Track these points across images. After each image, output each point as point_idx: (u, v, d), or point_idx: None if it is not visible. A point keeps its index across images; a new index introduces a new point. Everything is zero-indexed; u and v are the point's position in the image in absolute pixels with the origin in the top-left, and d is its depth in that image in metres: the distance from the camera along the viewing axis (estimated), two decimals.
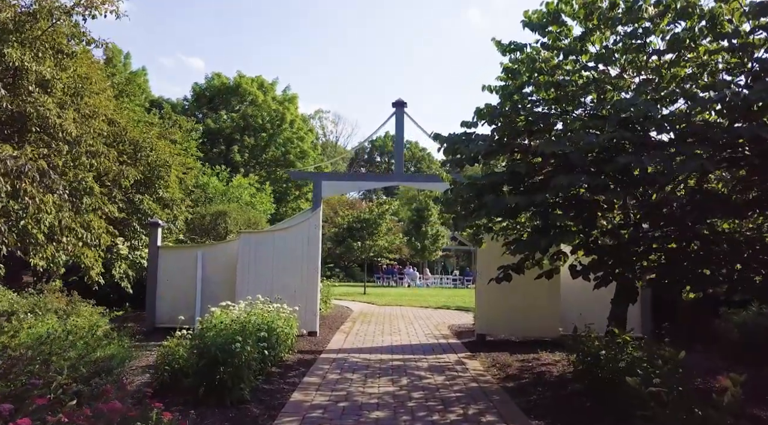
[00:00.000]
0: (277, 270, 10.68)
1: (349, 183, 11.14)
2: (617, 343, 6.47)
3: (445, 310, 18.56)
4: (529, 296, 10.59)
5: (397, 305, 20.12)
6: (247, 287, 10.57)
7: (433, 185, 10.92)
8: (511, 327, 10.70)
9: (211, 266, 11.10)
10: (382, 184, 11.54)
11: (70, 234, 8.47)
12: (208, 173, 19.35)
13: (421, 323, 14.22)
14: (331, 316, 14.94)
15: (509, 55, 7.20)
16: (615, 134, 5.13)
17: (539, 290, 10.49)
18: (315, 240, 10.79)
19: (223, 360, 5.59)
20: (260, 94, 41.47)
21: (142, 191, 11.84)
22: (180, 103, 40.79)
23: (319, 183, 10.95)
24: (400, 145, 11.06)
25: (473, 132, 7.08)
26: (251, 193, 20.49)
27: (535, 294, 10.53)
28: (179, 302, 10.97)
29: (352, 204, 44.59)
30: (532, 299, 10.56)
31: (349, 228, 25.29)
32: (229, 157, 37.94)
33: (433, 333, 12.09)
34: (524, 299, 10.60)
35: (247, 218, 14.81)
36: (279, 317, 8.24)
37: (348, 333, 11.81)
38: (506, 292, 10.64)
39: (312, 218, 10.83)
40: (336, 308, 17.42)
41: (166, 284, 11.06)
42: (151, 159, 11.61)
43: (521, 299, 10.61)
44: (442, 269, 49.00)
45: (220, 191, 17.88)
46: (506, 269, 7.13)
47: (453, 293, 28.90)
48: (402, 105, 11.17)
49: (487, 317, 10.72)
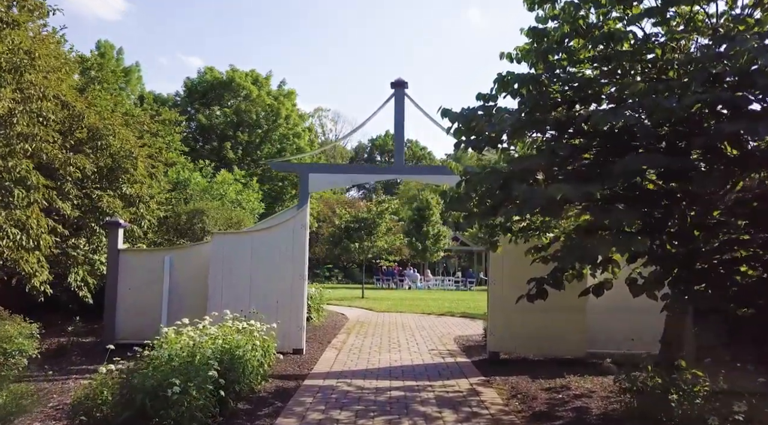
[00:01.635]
0: (256, 278, 9.14)
1: (342, 177, 9.59)
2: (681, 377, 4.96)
3: (449, 317, 17.03)
4: (550, 307, 9.02)
5: (396, 311, 18.58)
6: (220, 298, 9.04)
7: (438, 177, 9.37)
8: (528, 343, 9.15)
9: (181, 272, 9.56)
10: (379, 177, 10.01)
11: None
12: (189, 168, 17.80)
13: (423, 334, 12.68)
14: (323, 327, 13.40)
15: (539, 11, 5.65)
16: (705, 96, 3.61)
17: (562, 301, 8.94)
18: (301, 242, 9.25)
19: (154, 411, 4.05)
20: (254, 89, 39.92)
21: (105, 186, 10.29)
22: (171, 98, 39.22)
23: (305, 176, 9.40)
24: (400, 131, 9.51)
25: (492, 106, 5.55)
26: (237, 189, 18.89)
27: (558, 305, 8.97)
28: (144, 315, 9.44)
29: (351, 204, 43.10)
30: (553, 310, 9.01)
31: (346, 228, 23.73)
32: (222, 154, 36.40)
33: (438, 349, 10.55)
34: (544, 311, 9.04)
35: (227, 217, 13.23)
36: (252, 337, 6.71)
37: (340, 348, 10.27)
38: (523, 303, 9.12)
39: (297, 216, 9.28)
40: (330, 315, 15.88)
41: (128, 294, 9.52)
42: (114, 149, 10.05)
43: (541, 312, 9.05)
44: (444, 271, 47.48)
45: (202, 188, 16.34)
46: (540, 284, 5.55)
47: (456, 297, 27.36)
48: (402, 85, 9.63)
49: (501, 333, 9.18)
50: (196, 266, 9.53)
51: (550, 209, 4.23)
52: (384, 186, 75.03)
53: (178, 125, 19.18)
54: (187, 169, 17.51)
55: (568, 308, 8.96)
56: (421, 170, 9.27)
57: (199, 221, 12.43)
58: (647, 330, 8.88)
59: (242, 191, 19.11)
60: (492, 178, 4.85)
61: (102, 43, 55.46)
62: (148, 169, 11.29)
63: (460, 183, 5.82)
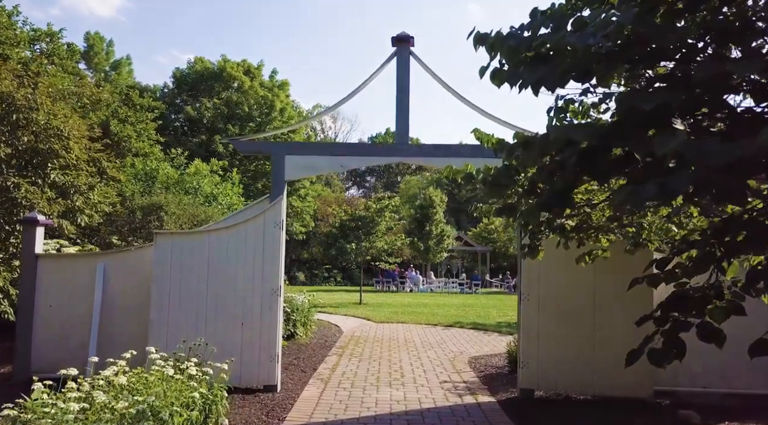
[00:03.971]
0: (214, 293, 6.95)
1: (327, 159, 7.33)
2: None
3: (458, 329, 14.83)
4: (602, 327, 6.87)
5: (398, 321, 16.37)
6: (165, 321, 6.83)
7: (454, 161, 7.15)
8: (573, 378, 6.95)
9: (118, 284, 7.36)
10: (377, 160, 7.81)
11: None
12: (158, 157, 15.58)
13: (431, 355, 10.48)
14: (310, 345, 11.20)
15: None
16: None
17: (618, 317, 6.79)
18: (274, 245, 7.05)
19: None
20: (247, 80, 37.72)
21: (28, 174, 8.08)
22: (157, 89, 37.00)
23: (280, 159, 7.19)
24: (404, 101, 7.30)
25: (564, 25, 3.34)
26: (215, 182, 16.60)
27: (612, 324, 6.82)
28: (69, 339, 7.26)
29: (350, 202, 41.00)
30: (606, 332, 6.84)
31: (342, 227, 21.51)
32: (212, 148, 34.18)
33: (451, 378, 8.35)
34: (594, 333, 6.88)
35: (193, 213, 10.97)
36: (186, 387, 4.52)
37: (327, 379, 8.07)
38: (566, 322, 6.95)
39: (269, 211, 7.07)
40: (320, 328, 13.68)
41: (49, 312, 7.32)
42: (39, 126, 7.84)
43: (589, 334, 6.89)
44: (447, 272, 45.32)
45: (173, 180, 14.14)
46: (686, 311, 3.04)
47: (462, 301, 25.16)
48: (406, 41, 7.42)
49: (537, 364, 6.98)
50: (140, 276, 7.32)
51: (726, 185, 2.07)
52: (384, 185, 72.93)
53: (151, 111, 16.96)
54: (156, 158, 15.33)
55: (627, 328, 6.77)
56: (433, 150, 7.03)
57: (155, 218, 10.22)
58: (735, 360, 6.71)
59: (219, 185, 16.83)
60: (587, 132, 2.64)
61: (91, 35, 53.48)
62: (89, 153, 9.08)
63: (513, 149, 3.60)
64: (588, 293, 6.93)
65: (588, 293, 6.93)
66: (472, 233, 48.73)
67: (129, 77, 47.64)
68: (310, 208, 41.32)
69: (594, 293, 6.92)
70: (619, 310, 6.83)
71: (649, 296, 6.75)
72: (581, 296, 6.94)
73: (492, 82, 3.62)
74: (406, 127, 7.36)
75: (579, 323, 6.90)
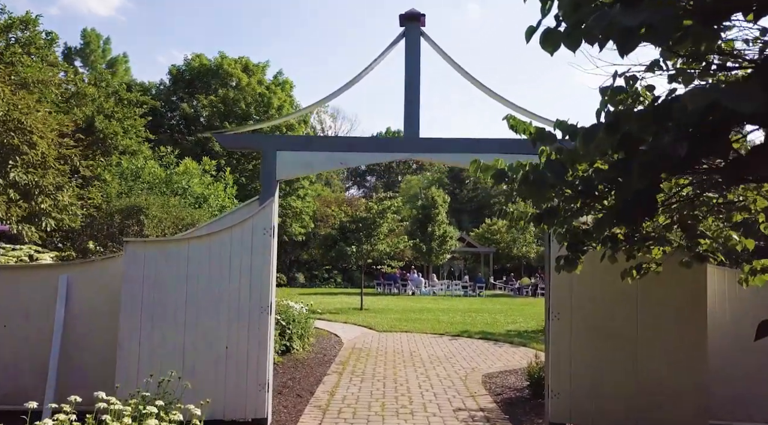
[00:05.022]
0: (194, 311, 5.96)
1: (325, 156, 6.32)
2: None
3: (467, 339, 13.87)
4: (648, 352, 5.88)
5: (401, 330, 15.39)
6: (136, 347, 5.84)
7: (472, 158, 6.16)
8: (613, 411, 5.95)
9: (84, 301, 6.36)
10: (383, 156, 6.80)
11: None
12: (147, 155, 14.56)
13: (440, 372, 9.50)
14: (308, 360, 10.21)
15: None
16: None
17: (667, 340, 5.82)
18: (264, 254, 6.06)
19: None
20: (244, 77, 36.70)
21: None
22: (152, 85, 35.99)
23: (270, 154, 6.19)
24: (414, 90, 6.31)
25: None
26: (206, 183, 15.52)
27: (660, 348, 5.84)
28: (24, 366, 6.26)
29: (351, 203, 40.06)
30: (653, 357, 5.85)
31: (342, 229, 20.52)
32: (208, 146, 33.19)
33: (465, 404, 7.37)
34: (638, 359, 5.89)
35: (178, 216, 9.90)
36: None
37: (326, 407, 7.09)
38: (604, 344, 5.96)
39: (258, 215, 6.08)
40: (319, 340, 12.69)
41: (1, 333, 6.32)
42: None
43: (632, 360, 5.90)
44: (449, 274, 44.36)
45: (160, 180, 13.10)
46: None
47: (467, 306, 24.20)
48: (417, 19, 6.44)
49: (570, 393, 5.99)
50: (110, 291, 6.32)
51: None
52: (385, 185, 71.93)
53: (139, 107, 15.95)
54: (143, 156, 14.31)
55: (678, 347, 5.80)
56: (446, 144, 6.04)
57: (134, 222, 9.18)
58: None
59: (211, 185, 15.75)
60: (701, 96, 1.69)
61: (87, 32, 52.48)
62: (60, 150, 8.07)
63: (592, 133, 2.62)
64: (630, 311, 5.94)
65: (630, 311, 5.94)
66: (474, 233, 47.76)
67: (126, 75, 46.68)
68: (309, 208, 40.33)
69: (637, 311, 5.94)
70: (668, 332, 5.84)
71: (702, 317, 5.78)
72: (622, 315, 5.96)
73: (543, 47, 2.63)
74: (416, 119, 6.36)
75: (620, 346, 5.92)
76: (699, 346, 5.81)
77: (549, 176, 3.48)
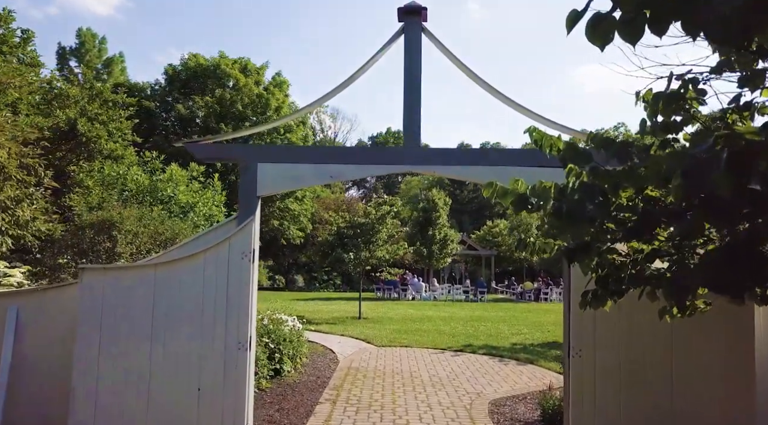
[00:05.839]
0: (161, 347, 5.18)
1: (312, 169, 5.52)
2: None
3: (470, 355, 13.10)
4: (684, 399, 5.10)
5: (401, 344, 14.61)
6: (94, 389, 5.06)
7: (482, 171, 5.34)
8: None
9: (37, 335, 5.58)
10: (378, 170, 6.00)
11: None
12: (130, 161, 13.71)
13: (443, 399, 8.73)
14: (299, 386, 9.43)
15: None
16: None
17: (705, 385, 5.05)
18: (241, 282, 5.28)
19: None
20: (242, 77, 35.91)
21: None
22: (147, 85, 35.18)
23: (251, 167, 5.41)
24: (414, 91, 5.54)
25: None
26: (194, 189, 14.66)
27: (698, 394, 5.06)
28: None
29: (349, 204, 39.28)
30: (690, 405, 5.07)
31: (339, 235, 19.74)
32: None
33: None
34: (674, 406, 5.11)
35: (156, 231, 9.03)
36: None
37: None
38: (633, 388, 5.18)
39: (236, 237, 5.30)
40: (313, 358, 11.91)
41: None
42: None
43: (666, 407, 5.12)
44: (450, 277, 43.59)
45: (143, 188, 12.27)
46: None
47: (469, 313, 23.45)
48: (417, 13, 5.66)
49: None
50: (67, 324, 5.54)
51: None
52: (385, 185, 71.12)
53: (125, 109, 15.16)
54: (126, 162, 13.48)
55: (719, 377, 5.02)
56: (452, 155, 5.26)
57: (105, 238, 8.33)
58: None
59: (199, 192, 14.87)
60: None
61: (83, 32, 51.66)
62: (20, 158, 7.27)
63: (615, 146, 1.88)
64: (664, 351, 5.16)
65: (664, 351, 5.16)
66: (475, 236, 46.98)
67: (122, 76, 45.87)
68: (308, 211, 39.55)
69: (672, 351, 5.15)
70: (709, 376, 5.07)
71: (750, 362, 4.99)
72: (655, 356, 5.18)
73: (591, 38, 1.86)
74: (416, 127, 5.57)
75: (652, 391, 5.14)
76: (746, 367, 5.03)
77: (590, 209, 2.71)
